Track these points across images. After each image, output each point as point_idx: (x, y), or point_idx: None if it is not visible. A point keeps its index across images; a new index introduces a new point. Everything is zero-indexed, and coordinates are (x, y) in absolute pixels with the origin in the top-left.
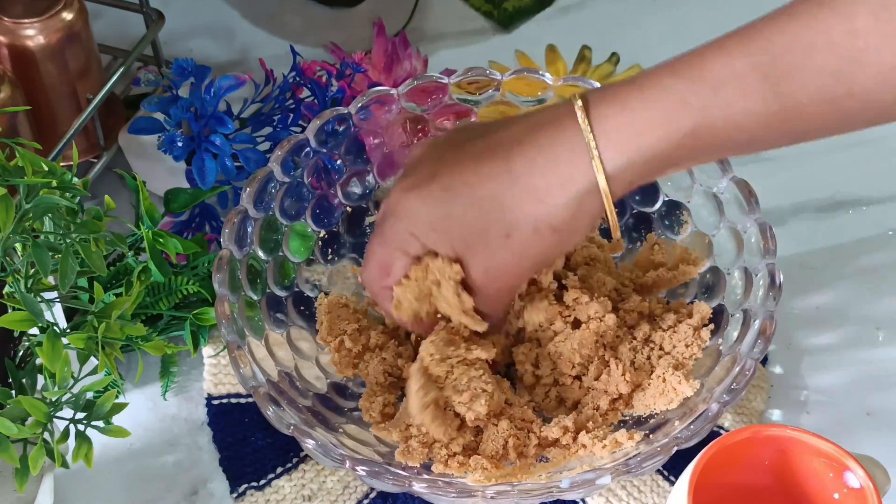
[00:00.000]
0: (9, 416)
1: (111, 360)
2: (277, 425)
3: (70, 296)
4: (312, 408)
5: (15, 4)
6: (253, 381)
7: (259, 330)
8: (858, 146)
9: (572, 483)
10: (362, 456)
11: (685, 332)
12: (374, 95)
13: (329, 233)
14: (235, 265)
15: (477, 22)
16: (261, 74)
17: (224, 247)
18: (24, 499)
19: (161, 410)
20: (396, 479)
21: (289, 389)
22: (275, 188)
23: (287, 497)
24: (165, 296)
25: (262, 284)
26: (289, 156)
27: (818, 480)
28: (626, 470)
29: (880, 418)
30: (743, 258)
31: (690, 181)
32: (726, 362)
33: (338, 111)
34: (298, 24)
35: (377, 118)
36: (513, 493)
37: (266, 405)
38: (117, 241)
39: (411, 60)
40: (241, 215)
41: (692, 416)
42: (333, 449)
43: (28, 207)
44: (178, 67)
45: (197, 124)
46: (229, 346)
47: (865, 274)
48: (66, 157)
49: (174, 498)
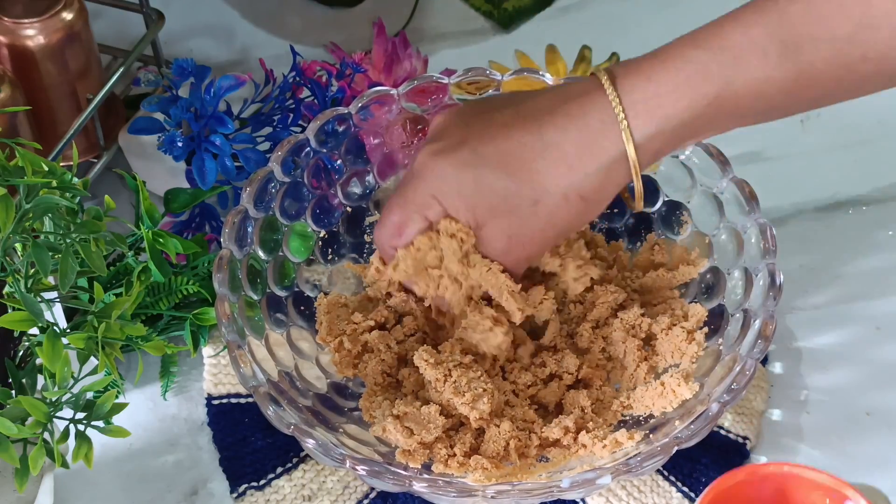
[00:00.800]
0: (9, 416)
1: (111, 360)
2: (278, 425)
3: (70, 296)
4: (312, 407)
5: (15, 4)
6: (253, 380)
7: (259, 330)
8: (858, 146)
9: (572, 483)
10: (361, 455)
11: (678, 334)
12: (374, 95)
13: (329, 233)
14: (236, 265)
15: (477, 22)
16: (261, 74)
17: (224, 247)
18: (24, 499)
19: (161, 410)
20: (397, 478)
21: (289, 389)
22: (275, 188)
23: (287, 497)
24: (165, 296)
25: (263, 284)
26: (289, 156)
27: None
28: (626, 470)
29: (880, 418)
30: (743, 258)
31: (691, 181)
32: (726, 362)
33: (338, 111)
34: (298, 24)
35: (377, 118)
36: (513, 492)
37: (266, 405)
38: (117, 241)
39: (411, 60)
40: (242, 215)
41: (692, 417)
42: (334, 448)
43: (28, 207)
44: (178, 67)
45: (197, 124)
46: (229, 346)
47: (865, 274)
48: (66, 157)
49: (174, 498)
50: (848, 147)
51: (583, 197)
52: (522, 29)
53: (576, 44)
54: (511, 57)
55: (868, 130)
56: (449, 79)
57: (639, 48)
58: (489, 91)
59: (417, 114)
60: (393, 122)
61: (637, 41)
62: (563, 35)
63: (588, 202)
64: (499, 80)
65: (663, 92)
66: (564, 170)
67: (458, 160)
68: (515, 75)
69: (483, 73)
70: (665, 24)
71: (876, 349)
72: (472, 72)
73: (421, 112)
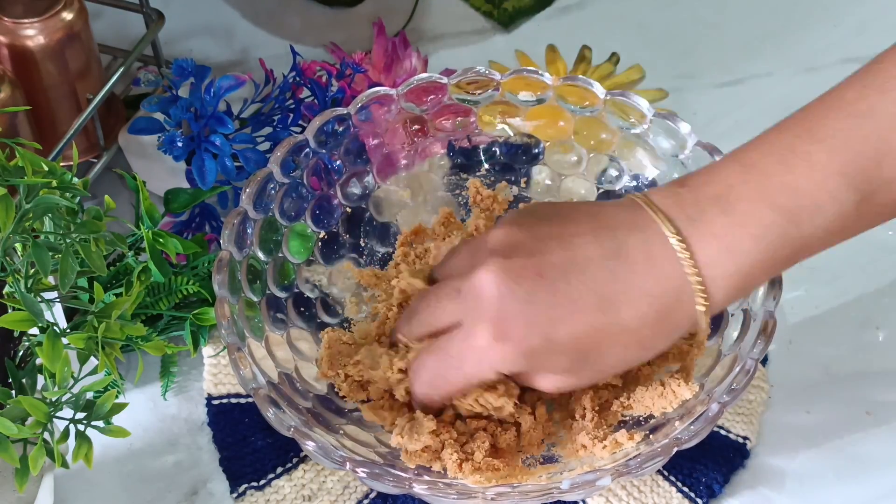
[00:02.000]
0: (9, 416)
1: (111, 360)
2: (278, 427)
3: (70, 296)
4: (312, 409)
5: (15, 4)
6: (253, 382)
7: (259, 331)
8: None
9: (573, 484)
10: (361, 457)
11: None
12: (374, 96)
13: (329, 233)
14: (235, 266)
15: (477, 22)
16: (261, 74)
17: (224, 248)
18: (24, 499)
19: (161, 410)
20: (397, 480)
21: (289, 391)
22: (274, 189)
23: (287, 497)
24: (165, 296)
25: (262, 285)
26: (288, 156)
27: None
28: (626, 471)
29: (880, 418)
30: None
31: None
32: (726, 362)
33: (337, 112)
34: (298, 24)
35: (376, 118)
36: (513, 494)
37: (267, 407)
38: (117, 241)
39: (411, 60)
40: (241, 216)
41: (692, 417)
42: (334, 451)
43: (28, 207)
44: (178, 67)
45: (197, 124)
46: (229, 349)
47: (865, 274)
48: (66, 157)
49: (174, 498)
50: None
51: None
52: (522, 29)
53: (576, 44)
54: (511, 57)
55: None
56: (448, 79)
57: (639, 48)
58: (488, 91)
59: (417, 114)
60: (392, 123)
61: (637, 41)
62: (563, 35)
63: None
64: (498, 81)
65: (743, 265)
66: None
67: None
68: (515, 75)
69: (482, 73)
70: (665, 23)
71: (876, 349)
72: (470, 72)
73: (420, 112)
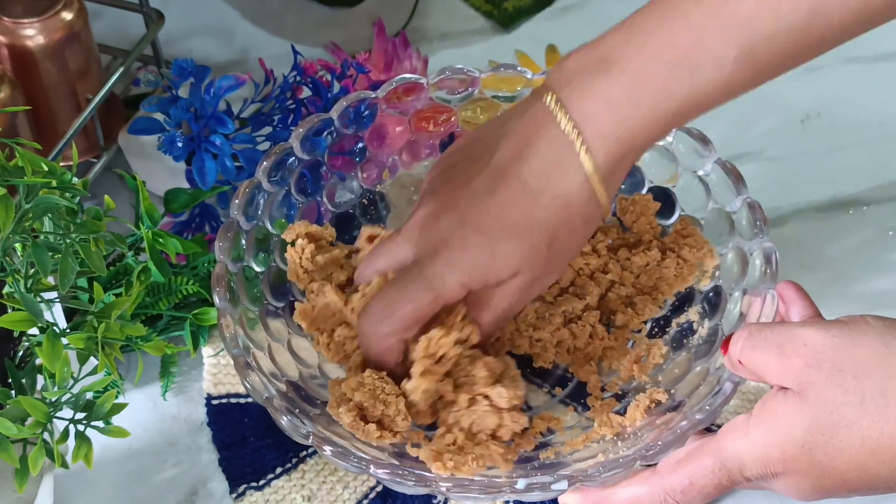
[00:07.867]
0: (9, 416)
1: (111, 360)
2: (293, 434)
3: (70, 296)
4: (322, 415)
5: (15, 4)
6: (266, 392)
7: (261, 341)
8: (858, 146)
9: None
10: (373, 457)
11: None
12: (355, 100)
13: None
14: (231, 277)
15: (477, 22)
16: (261, 74)
17: (219, 261)
18: (24, 499)
19: (161, 410)
20: (419, 480)
21: (297, 399)
22: (263, 198)
23: (287, 497)
24: (165, 296)
25: (260, 296)
26: (275, 165)
27: None
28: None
29: None
30: (735, 238)
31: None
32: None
33: (320, 117)
34: (298, 24)
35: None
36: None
37: (280, 416)
38: (117, 241)
39: (411, 60)
40: (234, 227)
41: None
42: (354, 453)
43: (28, 207)
44: (178, 67)
45: (197, 124)
46: (236, 361)
47: (866, 274)
48: (66, 157)
49: (174, 498)
50: (848, 147)
51: (585, 221)
52: (522, 29)
53: (576, 44)
54: (511, 57)
55: (868, 130)
56: (426, 79)
57: None
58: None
59: (398, 116)
60: (376, 125)
61: None
62: (563, 35)
63: (589, 222)
64: (477, 77)
65: (626, 117)
66: (561, 208)
67: (465, 243)
68: (493, 72)
69: (461, 71)
70: None
71: None
72: (448, 71)
73: (398, 115)
